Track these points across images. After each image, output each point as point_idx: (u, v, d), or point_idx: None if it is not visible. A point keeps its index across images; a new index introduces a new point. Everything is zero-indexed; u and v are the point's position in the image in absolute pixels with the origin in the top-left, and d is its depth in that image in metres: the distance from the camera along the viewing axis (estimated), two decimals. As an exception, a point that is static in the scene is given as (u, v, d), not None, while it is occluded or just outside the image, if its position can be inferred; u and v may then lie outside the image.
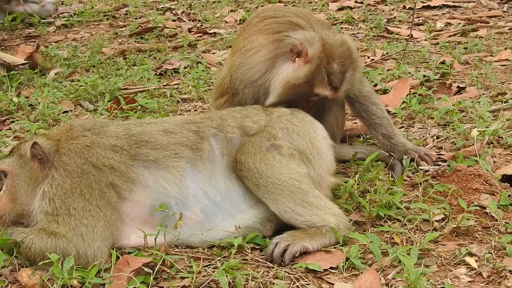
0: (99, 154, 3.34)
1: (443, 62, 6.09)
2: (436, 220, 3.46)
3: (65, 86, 6.22)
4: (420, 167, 4.06)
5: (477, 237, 3.33)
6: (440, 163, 4.08)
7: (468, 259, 3.11)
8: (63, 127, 3.63)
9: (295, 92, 3.86)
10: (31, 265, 3.16)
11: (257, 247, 3.36)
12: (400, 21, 7.99)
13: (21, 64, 6.75)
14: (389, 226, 3.47)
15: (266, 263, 3.19)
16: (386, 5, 8.81)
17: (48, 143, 3.42)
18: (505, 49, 6.41)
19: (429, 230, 3.40)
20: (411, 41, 6.86)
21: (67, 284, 2.93)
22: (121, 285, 2.94)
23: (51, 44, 7.95)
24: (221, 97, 4.20)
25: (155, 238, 3.21)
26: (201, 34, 8.16)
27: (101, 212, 3.22)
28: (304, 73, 3.78)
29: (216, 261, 3.20)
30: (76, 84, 6.17)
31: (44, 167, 3.38)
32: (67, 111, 5.56)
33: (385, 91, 5.47)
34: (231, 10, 9.16)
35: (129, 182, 3.33)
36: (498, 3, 8.36)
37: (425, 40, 7.08)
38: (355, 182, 3.70)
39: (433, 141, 4.48)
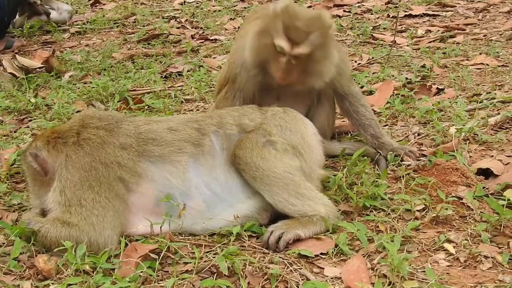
0: (108, 153, 3.29)
1: (423, 66, 6.07)
2: (417, 210, 3.44)
3: (78, 88, 6.17)
4: (403, 161, 4.05)
5: (454, 225, 3.32)
6: (421, 158, 4.07)
7: (446, 245, 3.10)
8: (76, 119, 3.47)
9: (261, 46, 3.74)
10: (47, 252, 3.13)
11: (254, 235, 3.35)
12: (384, 28, 7.97)
13: (38, 68, 6.70)
14: (375, 215, 3.46)
15: (262, 250, 3.18)
16: (371, 14, 8.78)
17: (45, 148, 3.28)
18: (480, 54, 6.39)
19: (411, 219, 3.39)
20: (394, 47, 6.84)
21: (80, 269, 2.91)
22: (129, 270, 2.93)
23: (65, 50, 7.90)
24: (223, 89, 4.15)
25: (161, 227, 3.20)
26: (203, 41, 8.13)
27: (110, 203, 3.19)
28: (263, 22, 3.72)
29: (216, 248, 3.19)
30: (88, 86, 6.13)
31: (46, 172, 3.29)
32: (80, 111, 5.52)
33: (370, 92, 5.45)
34: (231, 19, 9.12)
35: (136, 176, 3.31)
36: (473, 12, 8.34)
37: (407, 45, 7.06)
38: (344, 175, 3.68)
39: (414, 138, 4.46)
